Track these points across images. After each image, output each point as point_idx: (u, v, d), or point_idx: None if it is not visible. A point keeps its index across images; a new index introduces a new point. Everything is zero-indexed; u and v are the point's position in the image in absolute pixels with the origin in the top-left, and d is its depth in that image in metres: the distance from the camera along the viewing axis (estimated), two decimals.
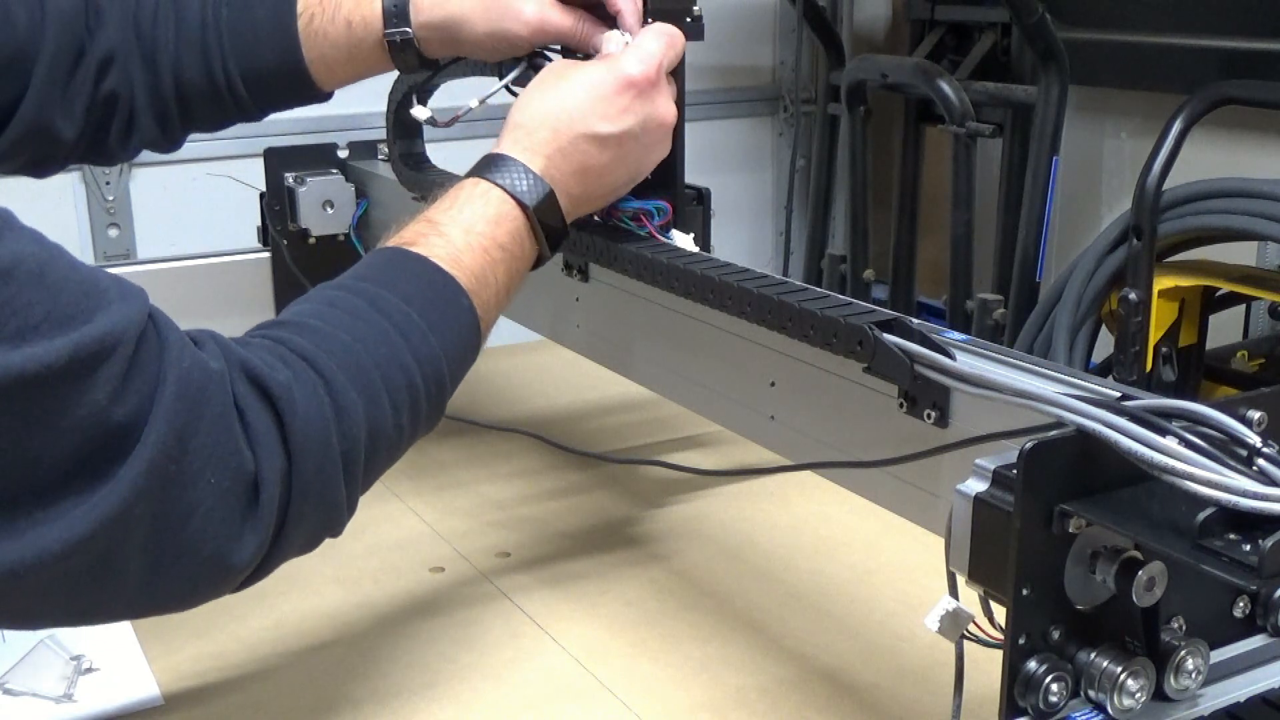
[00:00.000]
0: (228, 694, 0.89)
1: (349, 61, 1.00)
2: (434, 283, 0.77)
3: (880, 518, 0.84)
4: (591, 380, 1.47)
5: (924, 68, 2.42)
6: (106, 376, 0.57)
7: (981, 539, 0.58)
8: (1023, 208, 2.33)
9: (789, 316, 0.80)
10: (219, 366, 0.63)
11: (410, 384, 0.72)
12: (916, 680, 0.90)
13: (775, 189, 3.14)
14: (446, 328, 0.76)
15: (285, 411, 0.65)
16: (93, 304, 0.57)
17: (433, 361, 0.74)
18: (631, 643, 0.95)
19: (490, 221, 0.81)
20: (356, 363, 0.70)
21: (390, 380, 0.71)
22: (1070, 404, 0.57)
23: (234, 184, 1.56)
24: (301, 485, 0.66)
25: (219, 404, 0.62)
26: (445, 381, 0.76)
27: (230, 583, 0.66)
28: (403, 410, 0.72)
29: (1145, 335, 1.95)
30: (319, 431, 0.66)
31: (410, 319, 0.74)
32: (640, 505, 1.20)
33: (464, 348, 0.78)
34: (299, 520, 0.66)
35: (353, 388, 0.69)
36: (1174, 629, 0.59)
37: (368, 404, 0.69)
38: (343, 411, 0.68)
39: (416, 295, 0.75)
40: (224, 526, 0.62)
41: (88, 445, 0.56)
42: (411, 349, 0.73)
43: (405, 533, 1.14)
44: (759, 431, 0.94)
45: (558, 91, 0.87)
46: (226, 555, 0.63)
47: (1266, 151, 2.26)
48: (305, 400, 0.66)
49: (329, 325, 0.71)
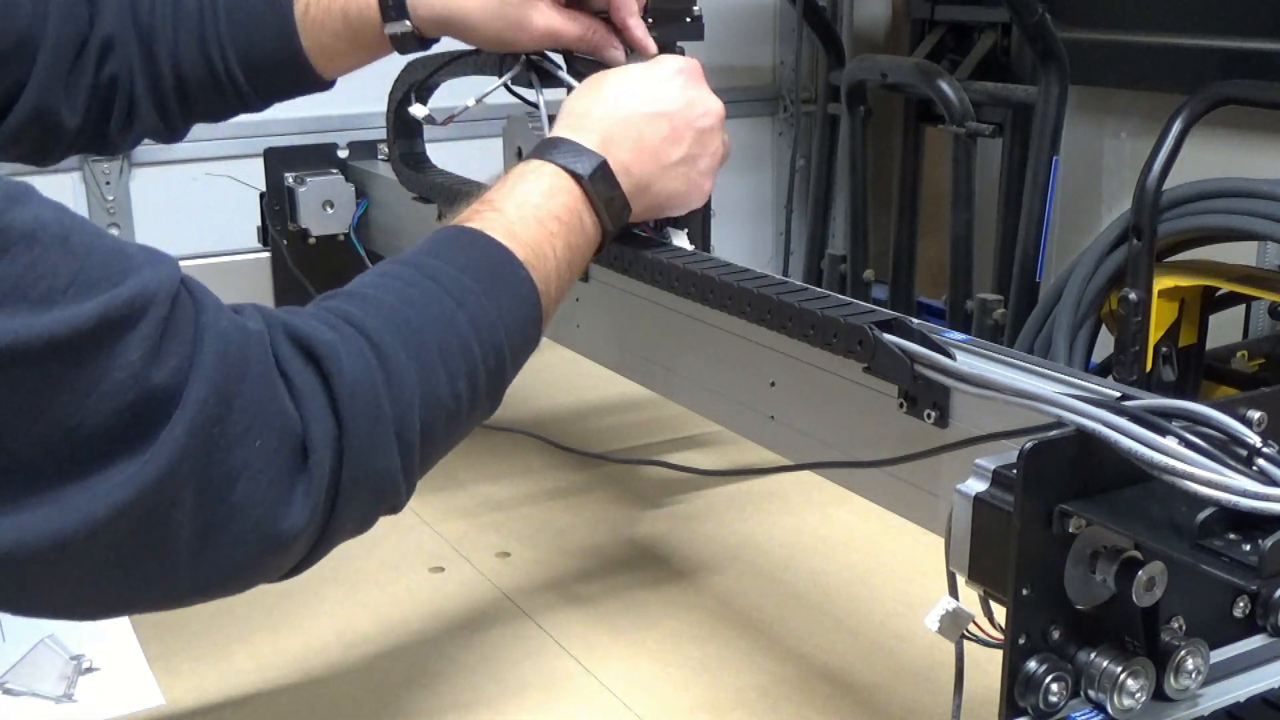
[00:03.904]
0: (227, 694, 0.89)
1: (349, 51, 1.00)
2: (489, 253, 0.75)
3: (880, 518, 0.84)
4: (591, 380, 1.47)
5: (924, 68, 2.42)
6: (140, 338, 0.55)
7: (981, 539, 0.58)
8: (1023, 208, 2.33)
9: (789, 316, 0.80)
10: (258, 327, 0.62)
11: (466, 350, 0.70)
12: (916, 680, 0.90)
13: (775, 189, 3.14)
14: (503, 296, 0.74)
15: (331, 372, 0.63)
16: (121, 268, 0.56)
17: (490, 329, 0.71)
18: (631, 643, 0.95)
19: (544, 194, 0.80)
20: (407, 326, 0.67)
21: (444, 345, 0.69)
22: (1070, 404, 0.57)
23: (234, 184, 1.56)
24: (353, 451, 0.63)
25: (260, 363, 0.61)
26: (504, 352, 0.73)
27: (284, 553, 0.63)
28: (459, 377, 0.69)
29: (1145, 335, 1.95)
30: (368, 393, 0.64)
31: (463, 285, 0.71)
32: (640, 505, 1.20)
33: (524, 319, 0.75)
34: (352, 490, 0.64)
35: (403, 350, 0.66)
36: (1174, 629, 0.59)
37: (420, 368, 0.67)
38: (393, 375, 0.65)
39: (470, 265, 0.73)
40: (273, 489, 0.60)
41: (127, 409, 0.55)
42: (467, 314, 0.70)
43: (405, 533, 1.14)
44: (759, 431, 0.94)
45: (606, 82, 0.88)
46: (277, 520, 0.60)
47: (1266, 151, 2.26)
48: (352, 361, 0.64)
49: (378, 292, 0.69)
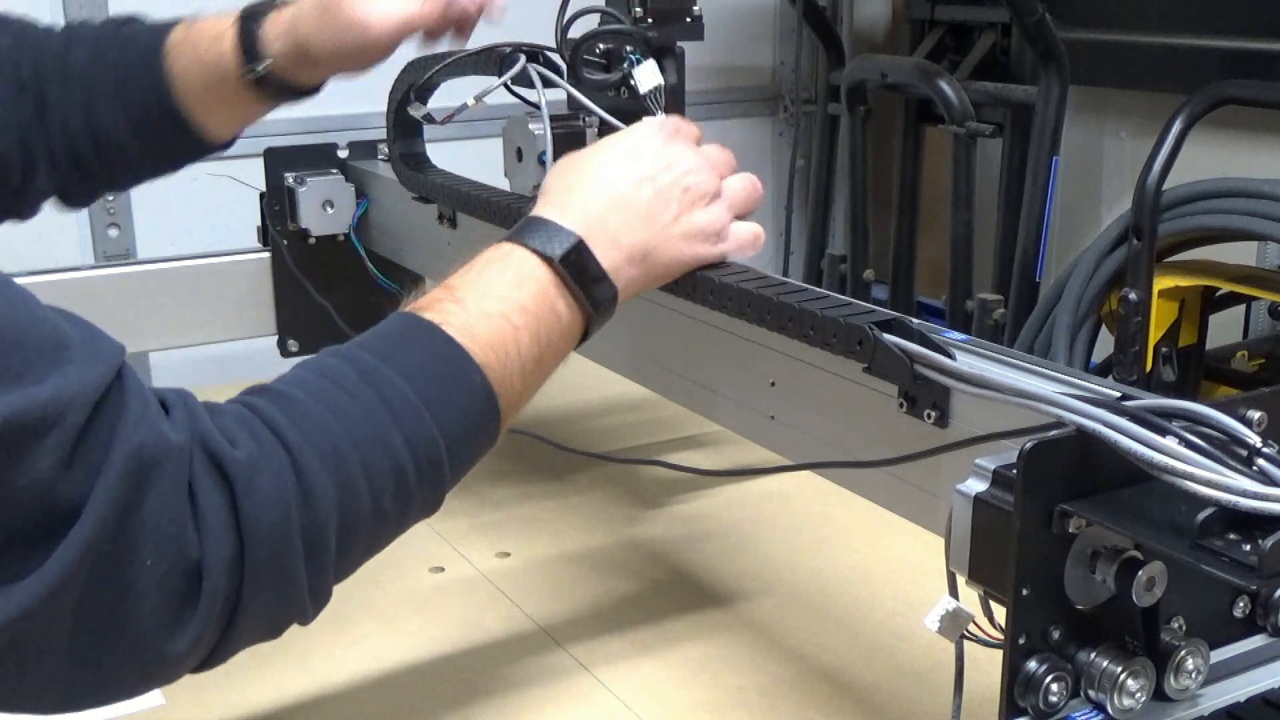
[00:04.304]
0: (227, 694, 0.89)
1: (222, 104, 0.97)
2: (440, 355, 0.70)
3: (880, 518, 0.84)
4: (591, 380, 1.47)
5: (924, 68, 2.42)
6: (51, 446, 0.52)
7: (981, 539, 0.58)
8: (1023, 208, 2.33)
9: (789, 316, 0.80)
10: (180, 440, 0.59)
11: (396, 467, 0.67)
12: (916, 680, 0.90)
13: (775, 189, 3.14)
14: (449, 405, 0.70)
15: (241, 493, 0.60)
16: (47, 363, 0.53)
17: (427, 443, 0.68)
18: (631, 643, 0.95)
19: (511, 285, 0.75)
20: (333, 442, 0.64)
21: (371, 462, 0.65)
22: (1070, 404, 0.57)
23: (234, 184, 1.56)
24: (254, 571, 0.61)
25: (169, 482, 0.58)
26: (443, 462, 0.69)
27: (168, 672, 0.61)
28: (384, 495, 0.66)
29: (1145, 335, 1.95)
30: (278, 515, 0.61)
31: (405, 396, 0.68)
32: (640, 505, 1.20)
33: (471, 425, 0.71)
34: (252, 608, 0.61)
35: (324, 469, 0.63)
36: (1174, 629, 0.59)
37: (340, 486, 0.64)
38: (310, 494, 0.63)
39: (418, 369, 0.69)
40: (158, 614, 0.58)
41: (25, 520, 0.52)
42: (401, 428, 0.67)
43: (405, 533, 1.14)
44: (759, 431, 0.94)
45: (582, 157, 0.84)
46: (160, 644, 0.58)
47: (1266, 151, 2.26)
48: (266, 481, 0.61)
49: (312, 398, 0.66)
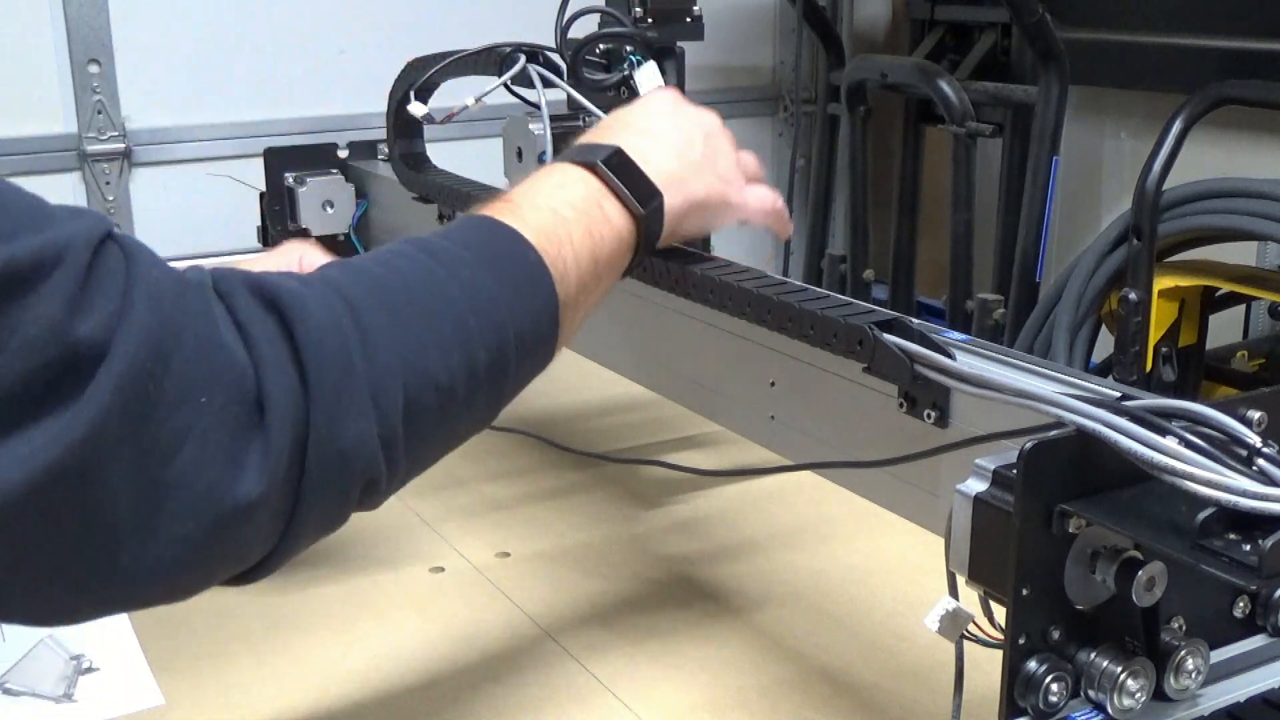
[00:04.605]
0: (227, 694, 0.89)
1: None
2: (495, 235, 0.69)
3: (880, 518, 0.84)
4: (591, 380, 1.47)
5: (924, 68, 2.42)
6: (56, 288, 0.50)
7: (981, 539, 0.58)
8: (1023, 208, 2.33)
9: (789, 316, 0.80)
10: (199, 278, 0.56)
11: (459, 323, 0.62)
12: (916, 680, 0.90)
13: (775, 189, 3.15)
14: (507, 276, 0.67)
15: (295, 320, 0.56)
16: (36, 220, 0.51)
17: (490, 306, 0.64)
18: (631, 643, 0.95)
19: (556, 186, 0.76)
20: (388, 290, 0.61)
21: (433, 315, 0.62)
22: (1070, 404, 0.57)
23: (234, 184, 1.56)
24: (320, 409, 0.56)
25: (202, 313, 0.55)
26: (507, 336, 0.65)
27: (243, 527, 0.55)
28: (451, 350, 0.62)
29: (1145, 335, 1.95)
30: (337, 345, 0.57)
31: (461, 259, 0.65)
32: (640, 505, 1.20)
33: (532, 303, 0.68)
34: (320, 457, 0.56)
35: (383, 312, 0.59)
36: (1174, 629, 0.59)
37: (402, 332, 0.60)
38: (369, 332, 0.58)
39: (474, 243, 0.67)
40: (223, 451, 0.53)
41: (48, 365, 0.50)
42: (462, 287, 0.64)
43: (405, 533, 1.14)
44: (759, 431, 0.94)
45: (611, 114, 0.87)
46: (231, 486, 0.54)
47: (1266, 151, 2.26)
48: (320, 311, 0.57)
49: (362, 260, 0.64)
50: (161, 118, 2.41)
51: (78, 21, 2.28)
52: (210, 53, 2.42)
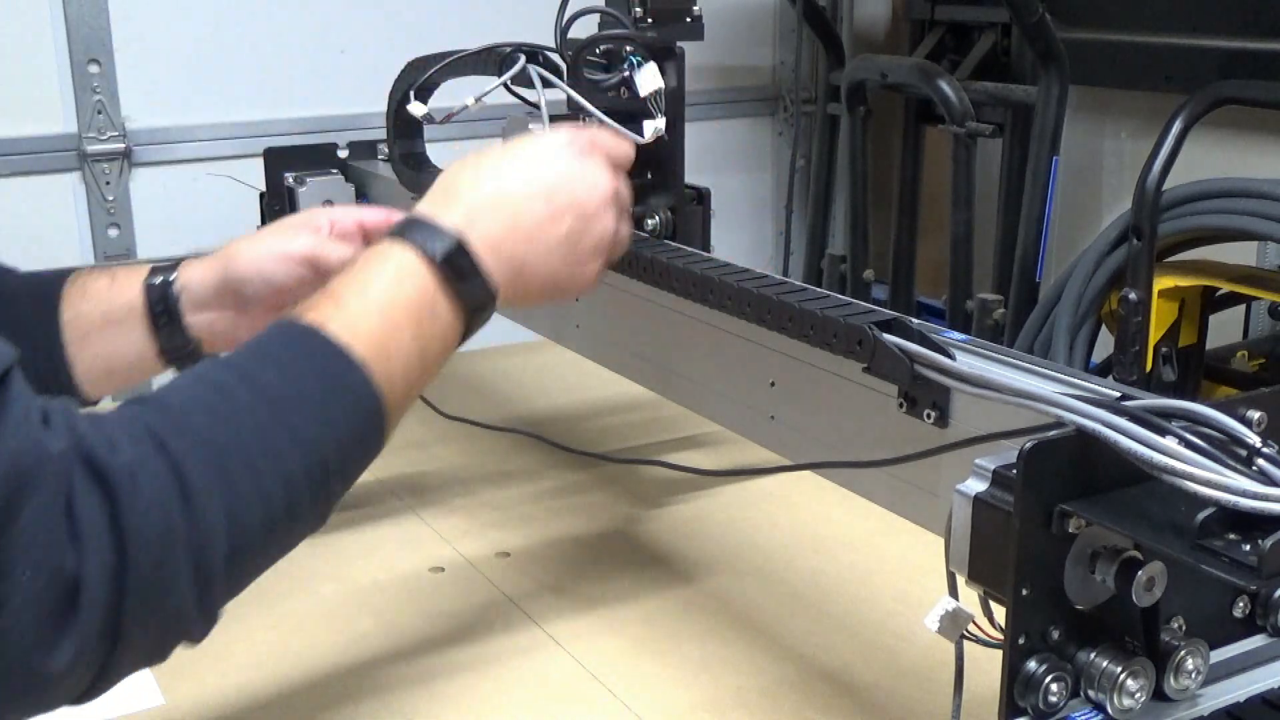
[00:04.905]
0: (228, 694, 0.89)
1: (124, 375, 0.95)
2: (321, 355, 0.69)
3: (880, 518, 0.84)
4: (591, 380, 1.47)
5: (924, 68, 2.42)
6: None
7: (981, 539, 0.58)
8: (1023, 208, 2.33)
9: (789, 316, 0.80)
10: (59, 448, 0.58)
11: (283, 472, 0.65)
12: (916, 680, 0.90)
13: (775, 189, 3.14)
14: (333, 405, 0.69)
15: (122, 500, 0.59)
16: None
17: (313, 445, 0.67)
18: (631, 643, 0.95)
19: (391, 282, 0.73)
20: (216, 447, 0.63)
21: (257, 467, 0.64)
22: (1070, 404, 0.57)
23: (234, 184, 1.56)
24: (137, 586, 0.59)
25: (46, 492, 0.57)
26: (330, 466, 0.68)
27: (51, 692, 0.58)
28: (275, 498, 0.65)
29: (1145, 335, 1.95)
30: (160, 522, 0.60)
31: (287, 398, 0.67)
32: (640, 505, 1.20)
33: (357, 428, 0.70)
34: (136, 626, 0.59)
35: (208, 473, 0.62)
36: (1174, 629, 0.59)
37: (226, 491, 0.63)
38: (193, 500, 0.61)
39: (297, 371, 0.68)
40: (35, 628, 0.56)
41: None
42: (287, 431, 0.66)
43: (405, 533, 1.14)
44: (759, 431, 0.94)
45: (482, 157, 0.82)
46: (40, 660, 0.56)
47: (1266, 151, 2.26)
48: (148, 486, 0.60)
49: (193, 404, 0.65)
50: (161, 118, 2.41)
51: (78, 21, 2.28)
52: (210, 53, 2.42)
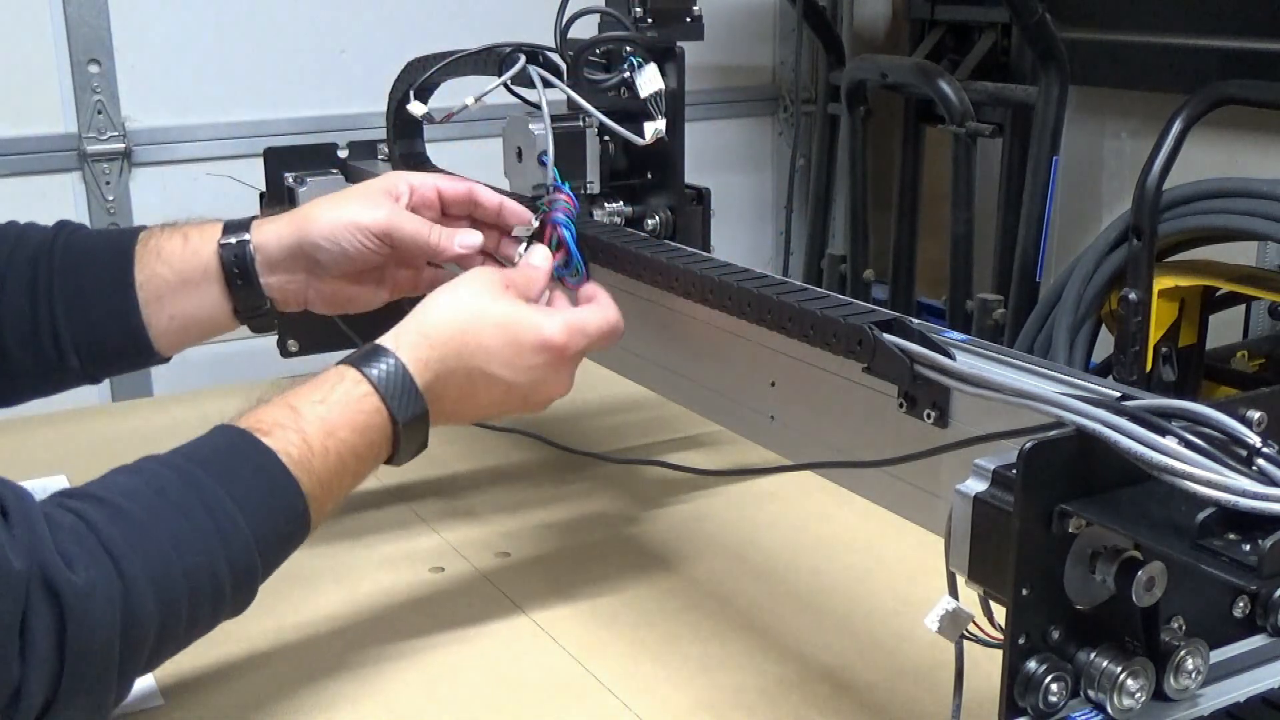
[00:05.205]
0: (228, 694, 0.89)
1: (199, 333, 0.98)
2: (275, 487, 0.75)
3: (880, 518, 0.84)
4: (591, 380, 1.46)
5: (924, 68, 2.42)
6: None
7: (981, 539, 0.58)
8: (1023, 208, 2.33)
9: (789, 316, 0.80)
10: (19, 568, 0.62)
11: (217, 589, 0.72)
12: (916, 680, 0.90)
13: (775, 189, 3.14)
14: (273, 532, 0.75)
15: (71, 623, 0.64)
16: None
17: (248, 566, 0.74)
18: (631, 643, 0.95)
19: (356, 429, 0.78)
20: (165, 568, 0.69)
21: (196, 587, 0.71)
22: (1070, 404, 0.57)
23: (234, 184, 1.56)
24: (70, 687, 0.64)
25: (5, 610, 0.61)
26: (257, 577, 0.76)
27: None
28: (201, 611, 0.72)
29: (1145, 335, 1.95)
30: (103, 642, 0.65)
31: (237, 525, 0.72)
32: (640, 505, 1.20)
33: (288, 547, 0.78)
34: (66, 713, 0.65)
35: (152, 595, 0.68)
36: (1174, 629, 0.59)
37: (163, 609, 0.69)
38: (135, 620, 0.67)
39: (251, 499, 0.74)
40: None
41: None
42: (229, 555, 0.72)
43: (405, 533, 1.14)
44: (759, 431, 0.94)
45: (478, 316, 0.84)
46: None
47: (1266, 151, 2.26)
48: (98, 610, 0.65)
49: (149, 518, 0.69)
50: (161, 118, 2.41)
51: (78, 21, 2.28)
52: (210, 53, 2.42)
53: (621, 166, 1.08)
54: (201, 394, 1.48)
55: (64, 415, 1.40)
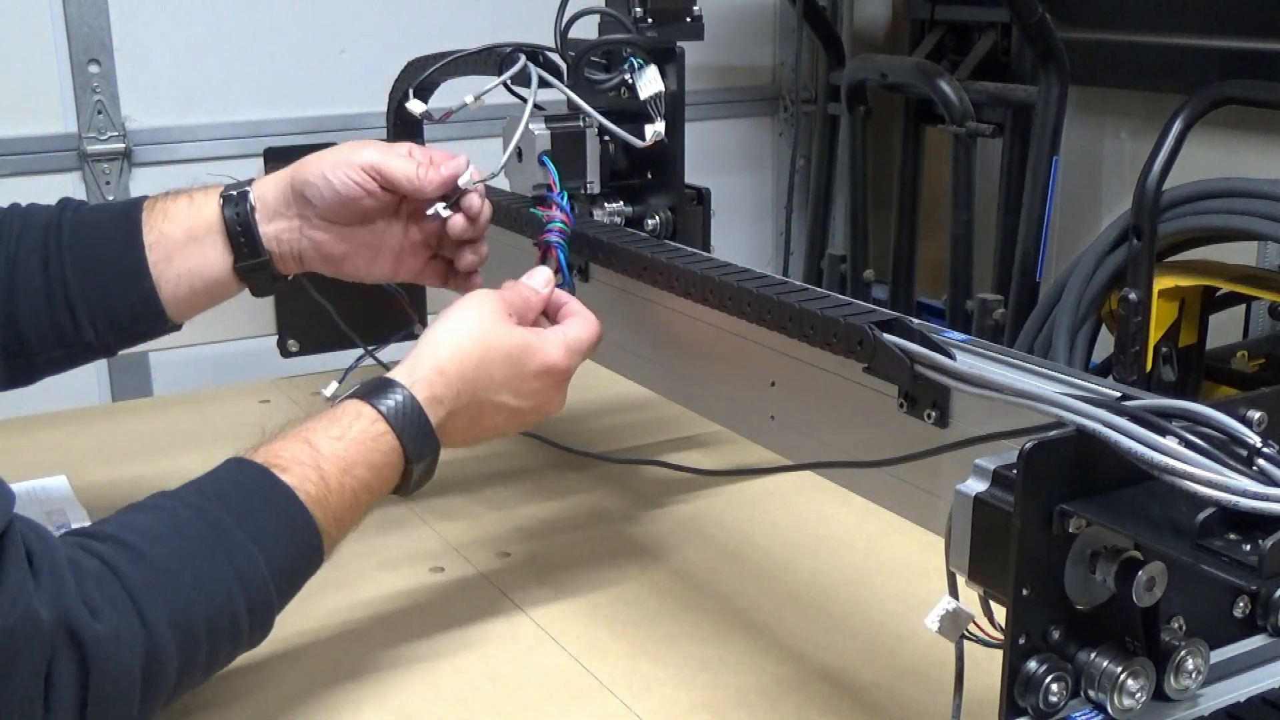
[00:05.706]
0: (227, 694, 0.89)
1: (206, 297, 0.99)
2: (293, 525, 0.77)
3: (880, 518, 0.84)
4: (591, 380, 1.47)
5: (924, 68, 2.42)
6: None
7: (981, 539, 0.58)
8: (1023, 208, 2.33)
9: (789, 316, 0.80)
10: (46, 618, 0.63)
11: (235, 629, 0.74)
12: (916, 680, 0.90)
13: (775, 189, 3.14)
14: (290, 569, 0.77)
15: (95, 671, 0.65)
16: None
17: (265, 608, 0.76)
18: (631, 643, 0.95)
19: (372, 467, 0.80)
20: (186, 613, 0.70)
21: (216, 629, 0.72)
22: (1070, 404, 0.57)
23: None
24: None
25: (28, 665, 0.62)
26: (273, 614, 0.77)
27: None
28: (219, 651, 0.74)
29: (1145, 335, 1.95)
30: (125, 689, 0.67)
31: (255, 565, 0.74)
32: (640, 505, 1.20)
33: (301, 581, 0.80)
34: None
35: (174, 640, 0.69)
36: (1174, 629, 0.59)
37: (184, 655, 0.70)
38: (156, 665, 0.68)
39: (269, 538, 0.75)
40: None
41: None
42: (247, 597, 0.74)
43: (405, 533, 1.14)
44: (759, 431, 0.94)
45: (488, 348, 0.87)
46: None
47: (1266, 151, 2.26)
48: (122, 658, 0.66)
49: (173, 562, 0.71)
50: (161, 118, 2.41)
51: (78, 21, 2.28)
52: (210, 53, 2.42)
53: (622, 166, 1.09)
54: (201, 394, 1.48)
55: (64, 415, 1.40)
